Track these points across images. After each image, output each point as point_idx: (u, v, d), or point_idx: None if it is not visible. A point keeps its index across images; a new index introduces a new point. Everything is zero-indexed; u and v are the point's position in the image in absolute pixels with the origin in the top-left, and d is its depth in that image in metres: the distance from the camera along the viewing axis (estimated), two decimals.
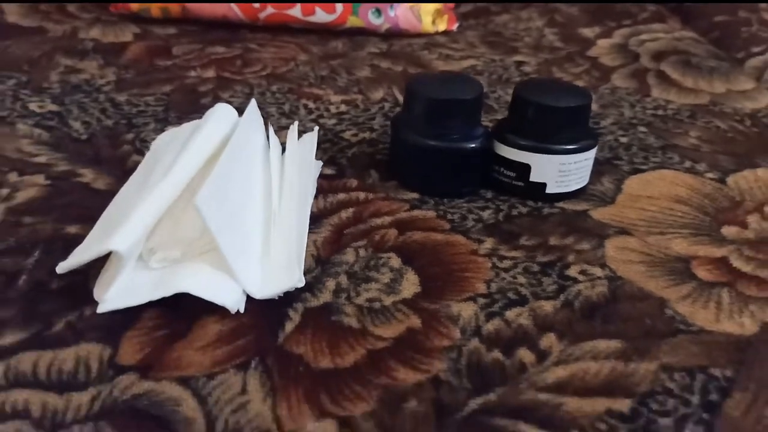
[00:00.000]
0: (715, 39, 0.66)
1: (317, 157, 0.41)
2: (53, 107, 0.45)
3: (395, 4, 0.58)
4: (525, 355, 0.28)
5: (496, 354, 0.28)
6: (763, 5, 0.73)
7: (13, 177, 0.37)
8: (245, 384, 0.26)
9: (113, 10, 0.60)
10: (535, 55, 0.58)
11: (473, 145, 0.37)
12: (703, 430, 0.25)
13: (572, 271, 0.33)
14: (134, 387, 0.26)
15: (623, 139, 0.45)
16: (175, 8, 0.58)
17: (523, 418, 0.25)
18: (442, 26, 0.61)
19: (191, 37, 0.57)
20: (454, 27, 0.62)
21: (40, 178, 0.37)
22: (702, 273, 0.34)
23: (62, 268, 0.28)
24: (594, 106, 0.50)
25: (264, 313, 0.29)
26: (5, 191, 0.36)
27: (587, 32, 0.63)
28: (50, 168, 0.38)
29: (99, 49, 0.54)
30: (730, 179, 0.42)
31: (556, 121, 0.37)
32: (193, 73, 0.51)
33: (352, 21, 0.59)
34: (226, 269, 0.29)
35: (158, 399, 0.25)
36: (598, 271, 0.33)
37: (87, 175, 0.38)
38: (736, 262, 0.34)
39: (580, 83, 0.53)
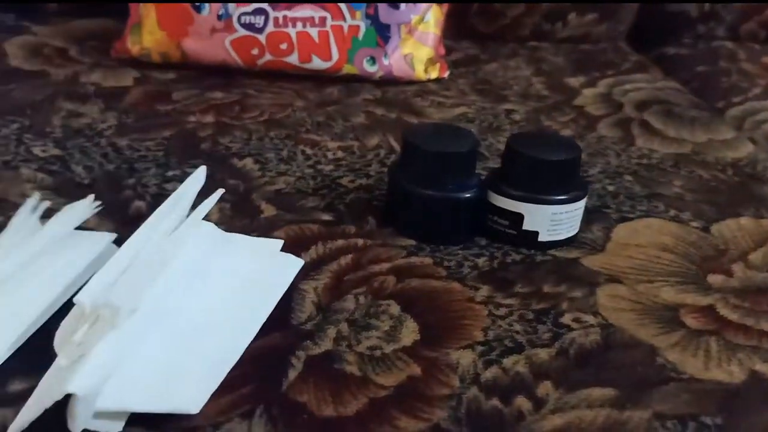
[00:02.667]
0: (696, 89, 0.69)
1: (312, 205, 0.42)
2: (56, 152, 0.46)
3: (390, 54, 0.60)
4: (522, 403, 0.29)
5: (495, 402, 0.29)
6: (742, 56, 0.77)
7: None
8: (250, 431, 0.26)
9: (114, 55, 0.62)
10: (523, 103, 0.60)
11: (468, 195, 0.39)
12: None
13: (566, 319, 0.34)
14: None
15: (610, 188, 0.47)
16: (175, 53, 0.59)
17: None
18: (434, 74, 0.63)
19: (190, 83, 0.58)
20: (446, 74, 0.64)
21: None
22: (690, 321, 0.35)
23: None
24: (582, 155, 0.51)
25: (267, 361, 0.30)
26: None
27: (573, 81, 0.66)
28: (53, 212, 0.38)
29: (100, 93, 0.55)
30: (714, 228, 0.43)
31: (547, 174, 0.38)
32: (192, 118, 0.52)
33: (348, 68, 0.60)
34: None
35: None
36: (590, 319, 0.34)
37: (90, 220, 0.38)
38: (723, 311, 0.36)
39: (567, 132, 0.55)
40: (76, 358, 0.25)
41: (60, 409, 0.25)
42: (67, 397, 0.24)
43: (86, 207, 0.36)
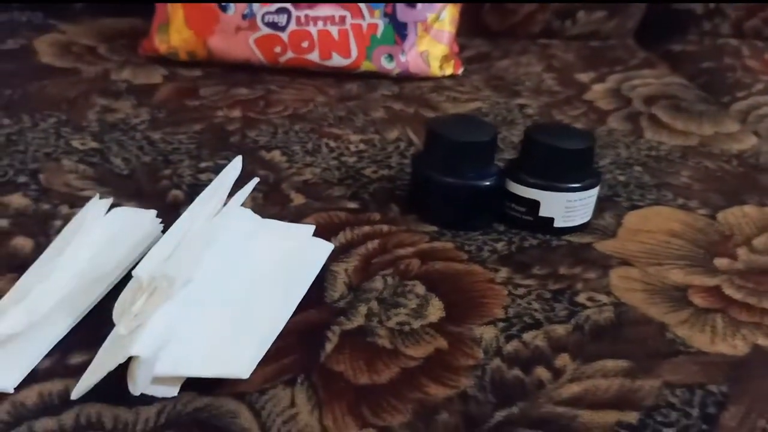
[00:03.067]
0: (702, 84, 0.71)
1: (339, 194, 0.45)
2: (94, 144, 0.48)
3: (407, 51, 0.63)
4: (542, 372, 0.31)
5: (517, 372, 0.31)
6: (746, 53, 0.79)
7: (64, 209, 0.40)
8: (293, 398, 0.29)
9: (141, 53, 0.64)
10: (536, 98, 0.62)
11: (487, 183, 0.41)
12: None
13: (581, 298, 0.37)
14: (195, 402, 0.28)
15: (621, 178, 0.49)
16: (201, 51, 0.62)
17: (543, 428, 0.28)
18: (448, 70, 0.65)
19: (216, 79, 0.61)
20: (460, 71, 0.67)
21: None
22: (698, 300, 0.37)
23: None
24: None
25: (304, 335, 0.32)
26: (59, 223, 0.39)
27: (583, 77, 0.68)
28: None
29: (131, 89, 0.58)
30: (720, 215, 0.45)
31: (563, 162, 0.41)
32: (220, 113, 0.55)
33: (366, 65, 0.63)
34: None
35: (218, 412, 0.28)
36: (604, 298, 0.37)
37: (132, 207, 0.41)
38: (728, 291, 0.38)
39: (579, 125, 0.58)
40: (135, 327, 0.28)
41: (119, 376, 0.27)
42: (126, 365, 0.27)
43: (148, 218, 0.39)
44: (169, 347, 0.28)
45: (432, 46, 0.64)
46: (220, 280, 0.32)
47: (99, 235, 0.35)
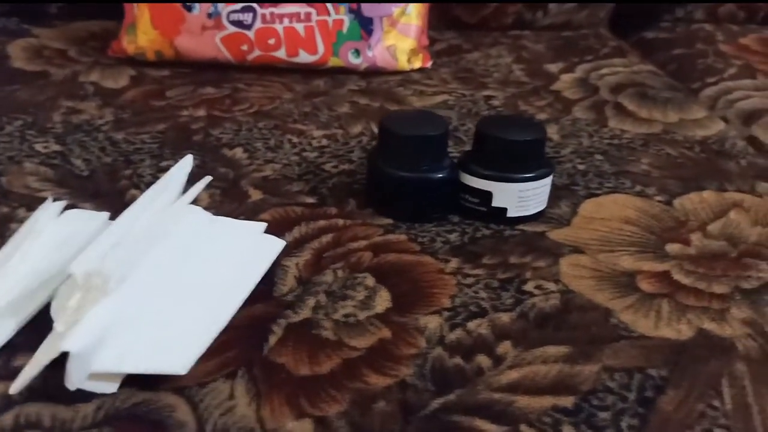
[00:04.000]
0: (673, 71, 0.71)
1: (297, 190, 0.45)
2: (56, 147, 0.49)
3: (373, 45, 0.63)
4: (483, 360, 0.32)
5: (457, 360, 0.32)
6: (719, 37, 0.79)
7: (22, 212, 0.41)
8: (233, 390, 0.29)
9: (111, 55, 0.65)
10: (503, 89, 0.63)
11: (440, 175, 0.41)
12: (638, 423, 0.29)
13: (529, 286, 0.37)
14: (134, 397, 0.29)
15: (581, 167, 0.50)
16: (168, 51, 0.62)
17: (478, 414, 0.29)
18: (417, 64, 0.66)
19: (184, 79, 0.61)
20: (429, 64, 0.67)
21: None
22: (645, 286, 0.37)
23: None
24: (555, 137, 0.54)
25: (249, 329, 0.33)
26: (15, 225, 0.40)
27: (552, 68, 0.68)
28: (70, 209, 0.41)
29: (98, 91, 0.58)
30: (677, 201, 0.46)
31: (513, 153, 0.41)
32: (185, 113, 0.55)
33: (334, 61, 0.63)
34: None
35: (155, 406, 0.28)
36: (552, 286, 0.37)
37: (88, 208, 0.41)
38: (677, 276, 0.38)
39: (543, 116, 0.58)
40: (72, 324, 0.28)
41: (59, 375, 0.28)
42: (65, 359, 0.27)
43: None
44: (107, 343, 0.28)
45: (399, 40, 0.64)
46: (163, 276, 0.32)
47: (49, 238, 0.36)
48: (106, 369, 0.28)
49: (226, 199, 0.44)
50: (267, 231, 0.39)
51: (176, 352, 0.30)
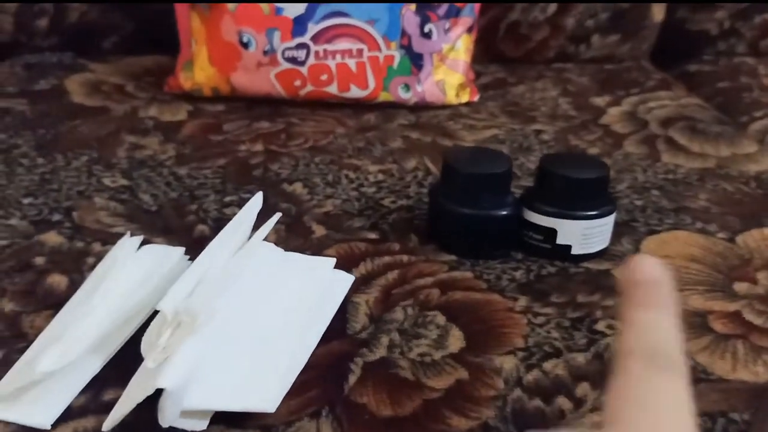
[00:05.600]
0: (719, 104, 0.71)
1: (359, 225, 0.46)
2: (124, 182, 0.50)
3: (422, 80, 0.64)
4: (563, 402, 0.32)
5: (537, 402, 0.32)
6: (762, 71, 0.79)
7: (97, 246, 0.42)
8: (319, 430, 0.30)
9: (167, 90, 0.67)
10: (551, 123, 0.63)
11: (504, 212, 0.42)
12: None
13: (600, 326, 0.37)
14: None
15: (638, 202, 0.50)
16: (224, 87, 0.64)
17: None
18: (464, 98, 0.67)
19: (239, 114, 0.63)
20: (476, 98, 0.68)
21: None
22: (718, 326, 0.37)
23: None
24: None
25: (328, 368, 0.33)
26: (92, 260, 0.41)
27: (598, 101, 0.68)
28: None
29: (158, 126, 0.60)
30: (739, 238, 0.46)
31: (578, 191, 0.41)
32: (243, 147, 0.57)
33: (384, 96, 0.64)
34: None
35: None
36: None
37: (160, 243, 0.42)
38: (749, 316, 0.38)
39: (595, 150, 0.58)
40: (162, 361, 0.29)
41: (150, 410, 0.28)
42: (157, 399, 0.28)
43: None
44: (196, 381, 0.29)
45: (448, 75, 0.65)
46: (245, 313, 0.33)
47: (130, 273, 0.37)
48: (197, 406, 0.29)
49: (291, 234, 0.45)
50: (335, 266, 0.40)
51: (263, 389, 0.30)
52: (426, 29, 0.63)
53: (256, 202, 0.40)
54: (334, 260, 0.40)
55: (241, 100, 0.65)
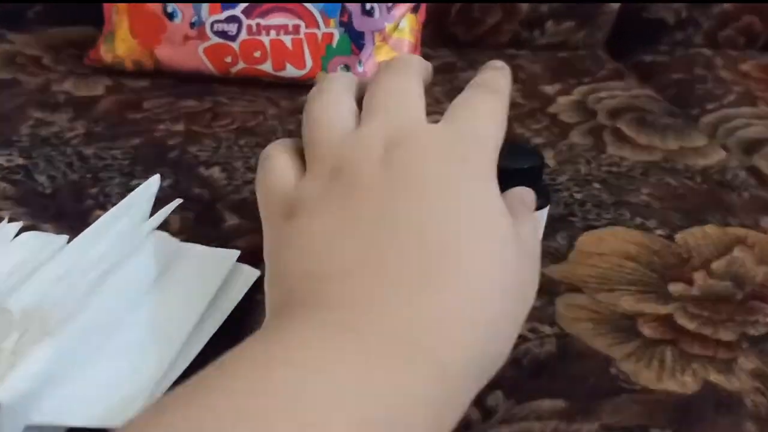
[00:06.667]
0: (672, 96, 0.69)
1: None
2: (20, 161, 0.46)
3: (364, 61, 0.61)
4: (471, 412, 0.29)
5: None
6: (719, 63, 0.77)
7: None
8: None
9: (87, 63, 0.62)
10: None
11: None
12: None
13: (522, 329, 0.34)
14: None
15: (578, 195, 0.47)
16: (148, 61, 0.59)
17: None
18: None
19: (164, 90, 0.58)
20: None
21: None
22: (647, 331, 0.35)
23: None
24: (552, 162, 0.52)
25: None
26: None
27: (548, 89, 0.66)
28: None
29: (71, 102, 0.55)
30: (679, 236, 0.43)
31: (506, 183, 0.38)
32: (162, 127, 0.52)
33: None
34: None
35: None
36: (547, 329, 0.34)
37: (48, 230, 0.38)
38: (681, 320, 0.36)
39: (539, 140, 0.55)
40: (6, 369, 0.25)
41: None
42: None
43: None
44: (48, 392, 0.25)
45: (391, 55, 0.62)
46: (116, 315, 0.29)
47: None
48: (44, 421, 0.25)
49: (200, 223, 0.41)
50: (241, 260, 0.36)
51: (127, 403, 0.26)
52: (368, 6, 0.60)
53: (151, 184, 0.36)
54: (237, 252, 0.36)
55: (168, 76, 0.60)
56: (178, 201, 0.36)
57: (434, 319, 0.20)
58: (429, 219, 0.22)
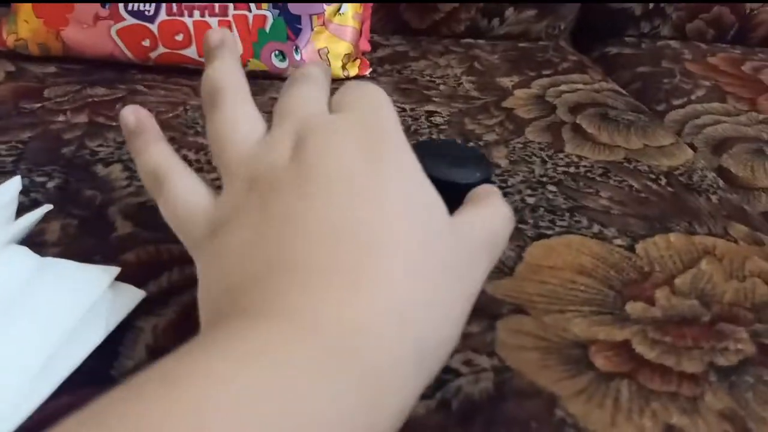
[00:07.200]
0: (636, 90, 0.64)
1: None
2: None
3: (301, 48, 0.55)
4: None
5: None
6: (687, 56, 0.73)
7: None
8: None
9: None
10: (448, 105, 0.55)
11: None
12: None
13: (455, 362, 0.29)
14: None
15: (530, 200, 0.42)
16: (55, 44, 0.53)
17: None
18: (353, 71, 0.58)
19: (72, 77, 0.52)
20: (367, 72, 0.59)
21: None
22: (600, 361, 0.30)
23: None
24: (504, 162, 0.46)
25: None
26: None
27: (505, 81, 0.61)
28: None
29: None
30: (640, 246, 0.38)
31: (450, 198, 0.33)
32: (61, 118, 0.46)
33: (254, 64, 0.54)
34: None
35: None
36: (484, 361, 0.29)
37: None
38: (639, 347, 0.31)
39: (492, 136, 0.50)
40: None
41: None
42: None
43: None
44: None
45: (332, 42, 0.56)
46: None
47: None
48: None
49: (84, 232, 0.34)
50: (123, 278, 0.30)
51: None
52: None
53: (11, 188, 0.30)
54: (116, 270, 0.30)
55: (80, 61, 0.54)
56: (46, 207, 0.30)
57: (349, 318, 0.19)
58: (338, 211, 0.21)
